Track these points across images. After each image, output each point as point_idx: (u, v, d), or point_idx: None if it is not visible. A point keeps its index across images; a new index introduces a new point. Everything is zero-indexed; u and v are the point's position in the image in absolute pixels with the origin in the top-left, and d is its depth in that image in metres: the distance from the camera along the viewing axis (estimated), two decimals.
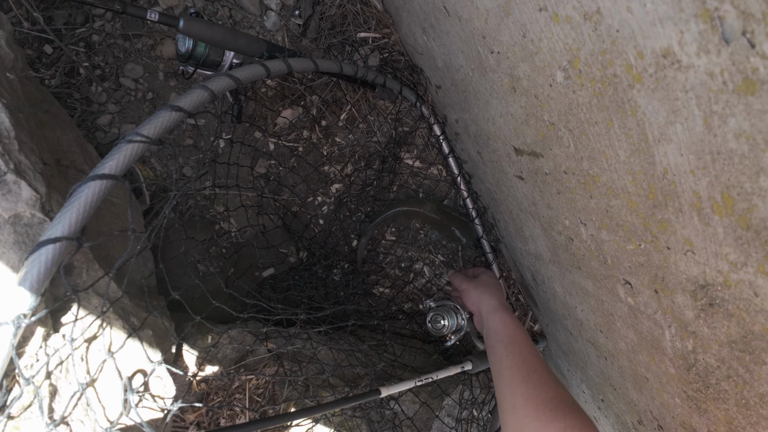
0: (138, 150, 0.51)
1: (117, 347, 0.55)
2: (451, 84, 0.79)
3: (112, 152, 0.52)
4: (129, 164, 0.50)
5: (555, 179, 0.60)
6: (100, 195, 0.51)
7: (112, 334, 0.56)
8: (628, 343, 0.66)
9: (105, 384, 0.55)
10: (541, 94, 0.52)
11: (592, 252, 0.61)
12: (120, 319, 0.57)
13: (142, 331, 0.59)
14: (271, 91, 1.01)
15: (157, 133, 0.53)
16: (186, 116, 0.57)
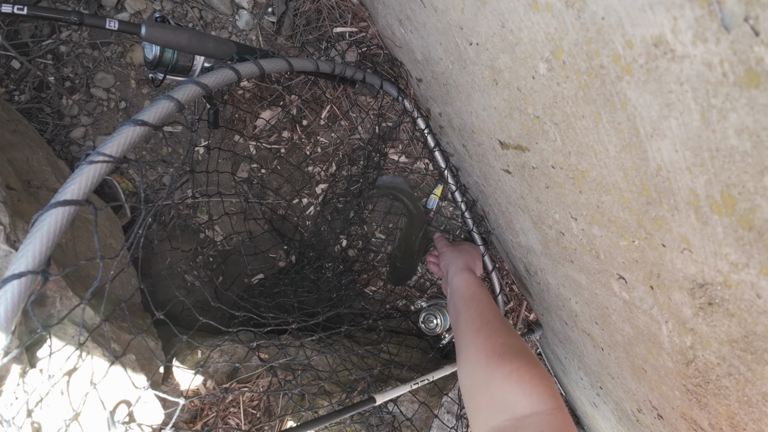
0: (101, 171, 0.47)
1: (99, 377, 0.52)
2: (432, 77, 0.75)
3: (74, 175, 0.48)
4: (92, 187, 0.46)
5: (543, 173, 0.56)
6: (64, 222, 0.47)
7: (93, 363, 0.52)
8: (624, 336, 0.64)
9: (90, 416, 0.52)
10: (524, 86, 0.48)
11: (584, 246, 0.58)
12: (100, 347, 0.54)
13: (124, 357, 0.56)
14: (248, 93, 0.96)
15: (120, 151, 0.48)
16: (152, 130, 0.53)
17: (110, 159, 0.47)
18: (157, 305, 0.99)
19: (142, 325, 0.69)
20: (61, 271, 0.51)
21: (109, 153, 0.47)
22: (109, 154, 0.47)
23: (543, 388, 0.50)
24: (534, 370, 0.52)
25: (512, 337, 0.59)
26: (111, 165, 0.48)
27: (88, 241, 0.75)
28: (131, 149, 0.49)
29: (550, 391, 0.50)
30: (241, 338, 0.80)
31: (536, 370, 0.52)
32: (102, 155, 0.47)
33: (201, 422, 0.72)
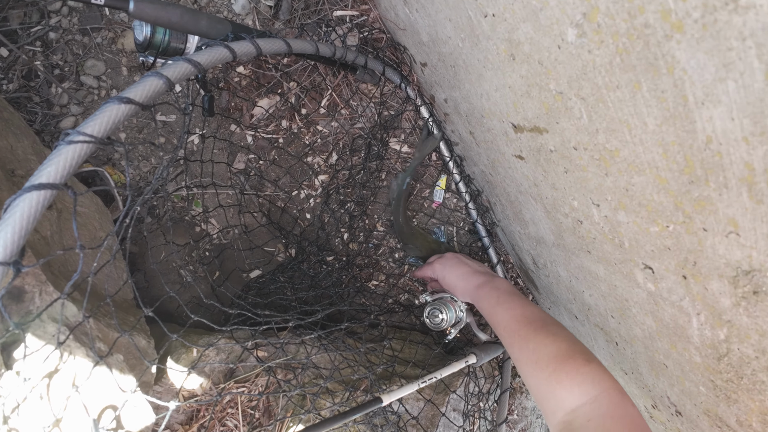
0: (81, 152, 0.41)
1: (82, 379, 0.46)
2: (438, 59, 0.70)
3: (51, 157, 0.42)
4: (72, 169, 0.41)
5: (562, 156, 0.51)
6: (39, 208, 0.42)
7: (75, 364, 0.47)
8: (644, 330, 0.59)
9: (73, 422, 0.46)
10: (547, 59, 0.43)
11: (606, 235, 0.53)
12: (83, 346, 0.48)
13: (111, 357, 0.50)
14: (245, 79, 0.91)
15: (103, 131, 0.43)
16: (140, 109, 0.48)
17: (91, 139, 0.42)
18: (152, 301, 0.93)
19: (132, 323, 0.64)
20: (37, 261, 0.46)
21: (90, 132, 0.42)
22: (90, 133, 0.42)
23: (581, 379, 0.51)
24: (570, 365, 0.53)
25: (543, 335, 0.58)
26: (92, 146, 0.42)
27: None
28: (115, 130, 0.44)
29: (590, 379, 0.51)
30: (237, 336, 0.75)
31: (572, 364, 0.53)
32: (82, 135, 0.42)
33: (197, 424, 0.67)
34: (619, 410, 0.48)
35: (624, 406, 0.49)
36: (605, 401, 0.49)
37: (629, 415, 0.48)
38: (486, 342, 0.85)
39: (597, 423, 0.47)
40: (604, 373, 0.52)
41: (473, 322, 0.89)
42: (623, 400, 0.49)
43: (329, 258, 0.98)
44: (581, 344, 0.57)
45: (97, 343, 0.51)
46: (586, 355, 0.54)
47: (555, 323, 0.61)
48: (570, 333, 0.60)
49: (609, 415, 0.47)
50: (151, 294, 0.91)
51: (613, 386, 0.51)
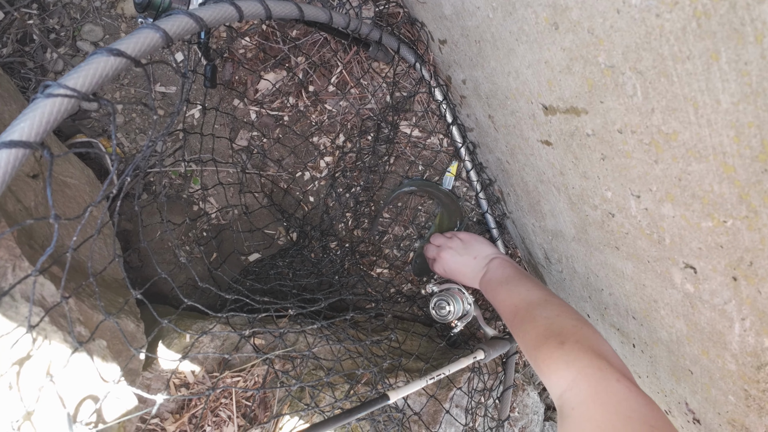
0: (61, 107, 0.35)
1: (59, 367, 0.41)
2: (460, 35, 0.64)
3: (26, 111, 0.36)
4: (49, 126, 0.35)
5: (601, 141, 0.46)
6: (9, 170, 0.35)
7: (51, 350, 0.41)
8: (671, 334, 0.54)
9: (46, 414, 0.41)
10: (600, 26, 0.37)
11: (642, 230, 0.48)
12: (60, 330, 0.42)
13: (92, 343, 0.45)
14: (250, 51, 0.84)
15: (88, 85, 0.37)
16: (130, 64, 0.41)
17: (74, 93, 0.36)
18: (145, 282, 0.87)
19: (121, 305, 0.58)
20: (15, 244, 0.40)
21: (73, 86, 0.36)
22: (73, 87, 0.36)
23: (555, 365, 0.48)
24: (544, 351, 0.51)
25: (527, 321, 0.57)
26: (74, 101, 0.36)
27: (63, 206, 0.63)
28: (102, 85, 0.37)
29: (563, 362, 0.48)
30: (233, 323, 0.70)
31: (545, 350, 0.50)
32: (64, 88, 0.35)
33: (188, 414, 0.62)
34: (601, 389, 0.43)
35: (604, 383, 0.44)
36: (584, 384, 0.45)
37: (613, 393, 0.43)
38: (493, 337, 0.80)
39: (580, 411, 0.43)
40: (580, 352, 0.48)
41: (480, 315, 0.84)
42: (603, 378, 0.44)
43: (332, 244, 0.93)
44: (560, 320, 0.53)
45: (78, 326, 0.45)
46: (560, 337, 0.50)
47: (538, 302, 0.58)
48: (551, 308, 0.56)
49: (591, 400, 0.43)
50: (144, 274, 0.85)
51: (589, 364, 0.46)
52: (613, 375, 0.44)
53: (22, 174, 0.56)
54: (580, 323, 0.53)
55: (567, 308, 0.57)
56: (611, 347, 0.51)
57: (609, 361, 0.46)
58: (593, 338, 0.50)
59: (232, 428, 0.62)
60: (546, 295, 0.60)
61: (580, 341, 0.49)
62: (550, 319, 0.54)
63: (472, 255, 0.77)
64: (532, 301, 0.59)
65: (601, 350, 0.48)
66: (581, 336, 0.50)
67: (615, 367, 0.46)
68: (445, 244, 0.81)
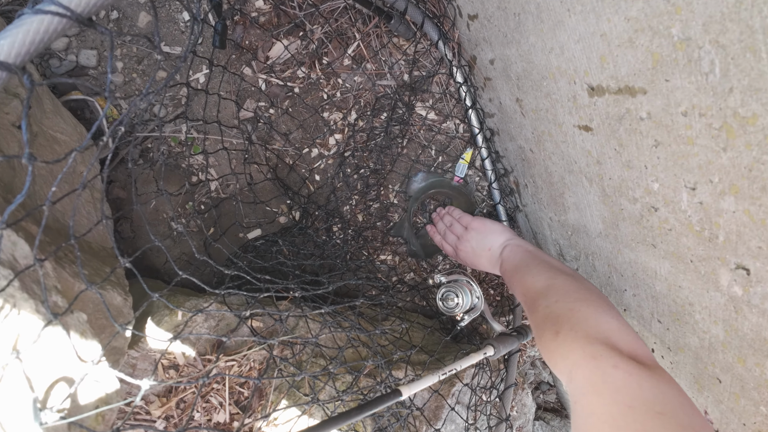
0: (50, 27, 0.29)
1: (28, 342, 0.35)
2: (497, 7, 0.59)
3: (10, 27, 0.30)
4: (34, 48, 0.29)
5: (657, 125, 0.41)
6: None
7: (20, 321, 0.35)
8: (704, 340, 0.51)
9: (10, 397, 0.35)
10: None
11: (691, 226, 0.44)
12: (32, 298, 0.37)
13: (70, 316, 0.39)
14: (263, 15, 0.78)
15: (85, 5, 0.31)
16: None
17: (67, 12, 0.30)
18: (141, 258, 0.81)
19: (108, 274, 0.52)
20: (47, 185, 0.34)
21: (67, 4, 0.30)
22: (67, 5, 0.30)
23: (554, 359, 0.47)
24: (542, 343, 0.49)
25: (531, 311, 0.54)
26: (68, 22, 0.30)
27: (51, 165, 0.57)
28: (103, 6, 0.31)
29: (559, 354, 0.46)
30: (230, 302, 0.64)
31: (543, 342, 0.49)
32: (57, 5, 0.29)
33: (176, 398, 0.57)
34: (596, 381, 0.40)
35: (599, 373, 0.41)
36: (579, 376, 0.42)
37: (610, 382, 0.39)
38: (501, 333, 0.76)
39: (582, 405, 0.40)
40: (573, 342, 0.44)
41: (487, 310, 0.80)
42: (597, 367, 0.41)
43: (336, 227, 0.88)
44: (557, 309, 0.50)
45: (54, 295, 0.39)
46: (556, 326, 0.48)
47: (542, 291, 0.55)
48: (553, 295, 0.53)
49: (589, 392, 0.40)
50: (136, 245, 0.79)
51: (583, 354, 0.43)
52: (610, 360, 0.41)
53: (6, 122, 0.50)
54: (577, 304, 0.49)
55: (567, 289, 0.53)
56: (619, 321, 0.46)
57: (608, 343, 0.42)
58: (590, 320, 0.46)
59: (224, 416, 0.57)
60: (549, 278, 0.57)
61: (574, 328, 0.46)
62: (549, 307, 0.52)
63: (487, 246, 0.74)
64: (536, 289, 0.57)
65: (599, 332, 0.44)
66: (576, 321, 0.46)
67: (615, 349, 0.42)
68: (463, 236, 0.78)
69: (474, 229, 0.78)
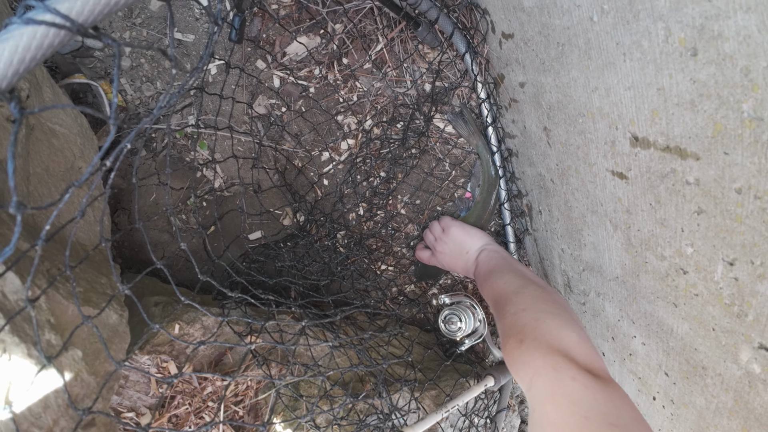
0: (44, 41, 0.24)
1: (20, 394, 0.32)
2: (538, 32, 0.55)
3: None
4: (24, 67, 0.24)
5: (704, 194, 0.39)
6: None
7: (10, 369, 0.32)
8: (711, 402, 0.50)
9: None
10: (762, 70, 0.30)
11: (721, 298, 0.42)
12: (23, 342, 0.34)
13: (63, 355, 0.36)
14: (284, 9, 0.73)
15: (88, 13, 0.25)
16: None
17: (65, 22, 0.24)
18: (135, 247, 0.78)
19: (105, 287, 0.49)
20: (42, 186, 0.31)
21: (66, 12, 0.24)
22: (66, 13, 0.24)
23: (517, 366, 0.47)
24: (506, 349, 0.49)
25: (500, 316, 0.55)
26: (66, 34, 0.25)
27: (48, 160, 0.53)
28: (108, 14, 0.27)
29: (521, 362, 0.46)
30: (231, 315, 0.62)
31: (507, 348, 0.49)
32: (53, 13, 0.24)
33: (168, 414, 0.55)
34: (555, 389, 0.42)
35: (559, 384, 0.42)
36: (540, 385, 0.43)
37: (567, 393, 0.41)
38: (502, 362, 0.75)
39: (540, 413, 0.42)
40: (536, 350, 0.45)
41: (488, 336, 0.79)
42: (557, 378, 0.42)
43: (340, 233, 0.85)
44: (524, 317, 0.51)
45: (47, 332, 0.36)
46: (520, 335, 0.48)
47: (511, 297, 0.55)
48: (520, 302, 0.53)
49: (547, 401, 0.41)
50: (133, 239, 0.75)
51: (544, 364, 0.44)
52: (568, 372, 0.42)
53: (0, 116, 0.46)
54: (543, 315, 0.50)
55: (535, 299, 0.54)
56: (580, 335, 0.47)
57: (567, 356, 0.43)
58: (553, 332, 0.47)
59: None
60: (519, 286, 0.57)
61: (538, 338, 0.47)
62: (515, 315, 0.52)
63: (465, 250, 0.75)
64: (505, 295, 0.57)
65: (561, 345, 0.45)
66: (540, 332, 0.47)
67: (574, 362, 0.43)
68: (440, 238, 0.78)
69: (453, 232, 0.77)
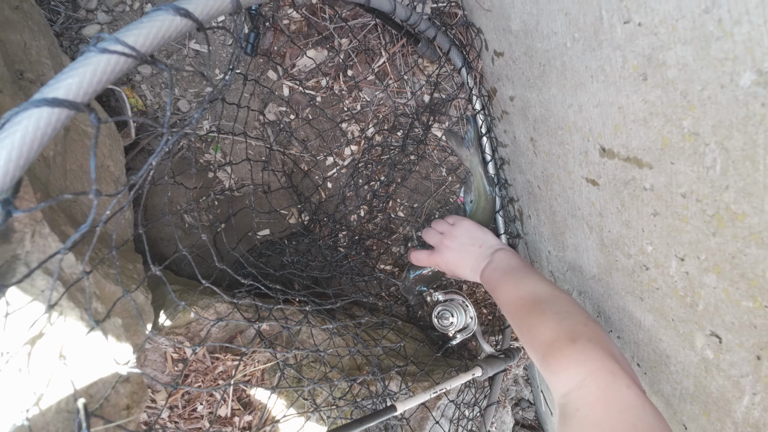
0: (116, 67, 0.32)
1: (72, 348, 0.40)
2: (523, 53, 0.63)
3: (75, 65, 0.32)
4: (99, 86, 0.31)
5: (658, 198, 0.46)
6: (49, 130, 0.31)
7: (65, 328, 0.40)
8: (676, 390, 0.57)
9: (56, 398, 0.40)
10: (697, 93, 0.37)
11: (676, 290, 0.49)
12: (77, 307, 0.41)
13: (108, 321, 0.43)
14: (294, 23, 0.81)
15: (148, 45, 0.33)
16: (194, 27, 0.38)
17: (132, 52, 0.32)
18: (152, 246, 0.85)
19: (132, 272, 0.56)
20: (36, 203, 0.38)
21: (132, 43, 0.32)
22: (133, 45, 0.32)
23: (566, 362, 0.48)
24: (555, 347, 0.50)
25: (534, 317, 0.56)
26: (131, 62, 0.33)
27: (82, 158, 0.60)
28: (160, 47, 0.34)
29: (574, 361, 0.48)
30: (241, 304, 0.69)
31: (557, 346, 0.50)
32: (122, 45, 0.32)
33: (181, 391, 0.62)
34: (610, 394, 0.44)
35: (615, 388, 0.44)
36: (593, 386, 0.45)
37: (621, 399, 0.43)
38: (491, 356, 0.82)
39: (585, 413, 0.43)
40: (592, 352, 0.47)
41: (479, 331, 0.86)
42: (614, 382, 0.44)
43: (342, 233, 0.92)
44: (571, 317, 0.53)
45: (94, 302, 0.44)
46: (572, 333, 0.50)
47: (546, 298, 0.57)
48: (562, 304, 0.55)
49: (598, 403, 0.43)
50: (149, 234, 0.83)
51: (602, 366, 0.46)
52: (624, 380, 0.44)
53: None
54: (591, 321, 0.52)
55: (576, 305, 0.56)
56: (620, 350, 0.50)
57: (620, 365, 0.46)
58: (604, 338, 0.50)
59: (225, 411, 0.62)
60: (555, 290, 0.59)
61: (593, 340, 0.49)
62: (560, 314, 0.54)
63: (478, 244, 0.74)
64: (540, 294, 0.58)
65: (613, 352, 0.48)
66: (593, 335, 0.49)
67: (626, 372, 0.45)
68: (449, 231, 0.76)
69: (465, 224, 0.76)
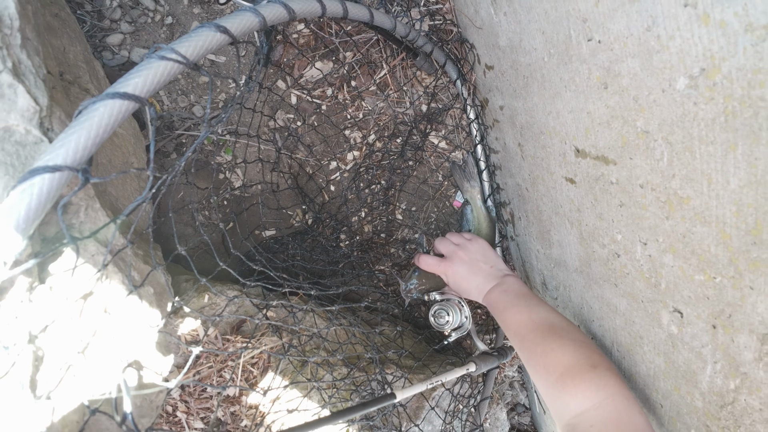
0: (170, 71, 0.41)
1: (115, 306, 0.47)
2: (510, 66, 0.72)
3: (140, 68, 0.42)
4: (157, 86, 0.41)
5: (622, 191, 0.54)
6: (118, 118, 0.41)
7: (110, 289, 0.47)
8: (650, 369, 0.64)
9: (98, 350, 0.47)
10: (645, 97, 0.46)
11: (642, 273, 0.57)
12: (120, 272, 0.49)
13: (142, 288, 0.51)
14: (303, 37, 0.91)
15: (195, 55, 0.43)
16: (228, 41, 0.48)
17: (183, 60, 0.42)
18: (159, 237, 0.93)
19: (156, 257, 0.64)
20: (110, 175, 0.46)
21: (184, 53, 0.42)
22: (184, 54, 0.42)
23: (585, 385, 0.53)
24: (575, 370, 0.55)
25: (550, 340, 0.60)
26: (181, 67, 0.42)
27: (111, 154, 0.69)
28: (203, 56, 0.44)
29: (593, 385, 0.52)
30: (249, 292, 0.76)
31: (577, 370, 0.55)
32: (176, 53, 0.42)
33: (194, 370, 0.68)
34: (624, 417, 0.49)
35: (629, 412, 0.50)
36: (609, 407, 0.50)
37: (634, 422, 0.49)
38: (484, 353, 0.88)
39: (599, 429, 0.48)
40: (611, 378, 0.53)
41: (473, 330, 0.92)
42: (629, 407, 0.50)
43: (342, 235, 1.00)
44: (589, 347, 0.58)
45: (132, 271, 0.51)
46: (591, 360, 0.55)
47: (563, 326, 0.62)
48: (579, 334, 0.61)
49: (612, 422, 0.48)
50: (161, 230, 0.90)
51: (619, 392, 0.52)
52: (637, 407, 0.51)
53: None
54: (603, 354, 0.59)
55: (584, 335, 0.63)
56: None
57: (634, 396, 0.53)
58: (615, 368, 0.56)
59: (233, 390, 0.68)
60: (568, 320, 0.65)
61: (611, 369, 0.55)
62: (578, 342, 0.58)
63: (489, 264, 0.78)
64: (555, 322, 0.63)
65: (625, 382, 0.55)
66: (611, 366, 0.56)
67: (638, 402, 0.53)
68: (464, 244, 0.81)
69: (482, 243, 0.81)
